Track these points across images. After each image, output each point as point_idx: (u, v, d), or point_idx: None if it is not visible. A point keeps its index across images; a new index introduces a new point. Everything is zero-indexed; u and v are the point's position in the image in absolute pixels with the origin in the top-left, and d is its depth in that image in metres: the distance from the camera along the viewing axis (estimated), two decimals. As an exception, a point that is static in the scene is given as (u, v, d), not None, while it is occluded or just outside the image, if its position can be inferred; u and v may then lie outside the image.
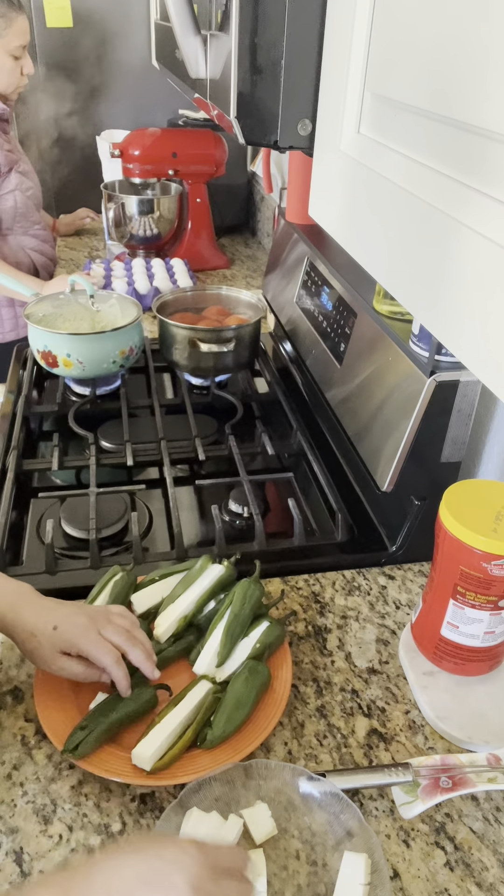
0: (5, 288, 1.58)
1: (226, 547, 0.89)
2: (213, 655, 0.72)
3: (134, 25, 2.22)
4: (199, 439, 1.09)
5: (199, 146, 1.81)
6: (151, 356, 1.35)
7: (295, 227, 1.32)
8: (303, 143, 0.58)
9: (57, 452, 1.05)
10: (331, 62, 0.52)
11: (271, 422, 1.20)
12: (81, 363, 1.17)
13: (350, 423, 0.95)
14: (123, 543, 0.93)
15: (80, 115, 2.33)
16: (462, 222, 0.34)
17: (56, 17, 2.15)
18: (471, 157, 0.34)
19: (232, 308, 1.32)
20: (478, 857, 0.59)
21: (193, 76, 0.74)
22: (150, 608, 0.79)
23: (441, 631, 0.71)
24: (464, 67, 0.34)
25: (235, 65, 0.56)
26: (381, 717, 0.71)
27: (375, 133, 0.46)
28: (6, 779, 0.64)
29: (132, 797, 0.63)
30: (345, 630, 0.81)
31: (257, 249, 2.12)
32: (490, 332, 0.32)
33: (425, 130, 0.39)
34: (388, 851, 0.60)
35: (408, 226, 0.40)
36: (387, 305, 0.92)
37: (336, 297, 1.07)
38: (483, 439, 0.92)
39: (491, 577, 0.64)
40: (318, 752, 0.68)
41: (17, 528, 0.96)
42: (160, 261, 1.80)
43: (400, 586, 0.88)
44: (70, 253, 2.06)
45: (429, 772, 0.63)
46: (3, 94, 1.74)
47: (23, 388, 1.25)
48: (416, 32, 0.39)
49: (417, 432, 0.80)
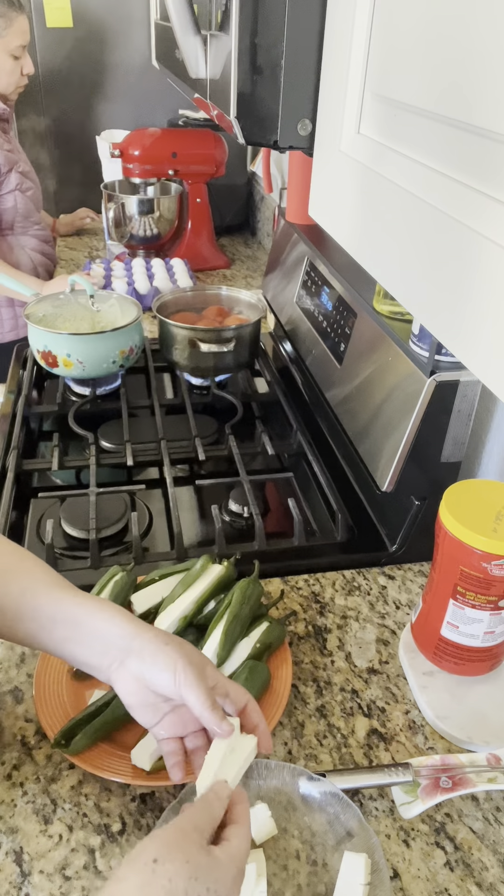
0: (5, 288, 1.58)
1: (226, 547, 0.89)
2: (213, 655, 0.71)
3: (134, 25, 2.22)
4: (199, 439, 1.09)
5: (199, 146, 1.81)
6: (151, 356, 1.35)
7: (295, 227, 1.32)
8: (303, 143, 0.58)
9: (57, 452, 1.05)
10: (331, 62, 0.52)
11: (271, 422, 1.20)
12: (81, 363, 1.17)
13: (350, 423, 0.95)
14: (123, 543, 0.93)
15: (80, 115, 2.33)
16: (466, 224, 0.34)
17: (56, 17, 2.15)
18: (472, 158, 0.34)
19: (232, 308, 1.32)
20: (478, 857, 0.59)
21: (193, 76, 0.74)
22: (150, 608, 0.79)
23: (441, 631, 0.71)
24: (466, 68, 0.34)
25: (235, 65, 0.56)
26: (381, 717, 0.71)
27: (375, 133, 0.46)
28: (6, 779, 0.64)
29: (132, 797, 0.63)
30: (345, 630, 0.81)
31: (257, 249, 2.12)
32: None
33: (426, 131, 0.39)
34: (388, 851, 0.60)
35: (406, 225, 0.40)
36: (387, 305, 0.92)
37: (336, 297, 1.07)
38: (483, 439, 0.92)
39: (491, 577, 0.64)
40: (318, 752, 0.68)
41: (17, 528, 0.96)
42: (160, 261, 1.80)
43: (400, 586, 0.88)
44: (70, 253, 2.06)
45: (429, 772, 0.63)
46: (3, 94, 1.74)
47: (23, 388, 1.25)
48: (417, 32, 0.39)
49: (417, 432, 0.80)
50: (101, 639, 0.57)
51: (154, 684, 0.55)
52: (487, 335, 0.33)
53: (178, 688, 0.54)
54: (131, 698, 0.56)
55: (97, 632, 0.57)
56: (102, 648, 0.56)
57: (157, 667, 0.55)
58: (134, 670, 0.55)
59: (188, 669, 0.54)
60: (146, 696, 0.56)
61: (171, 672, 0.54)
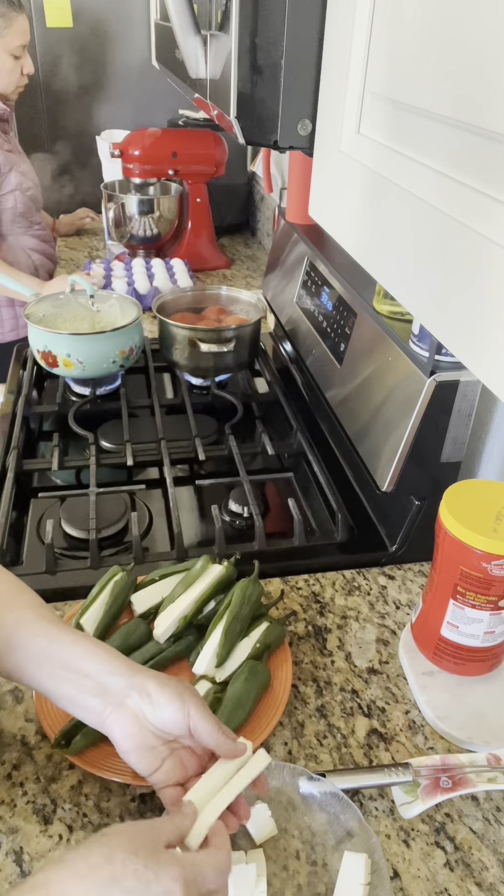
0: (5, 288, 1.58)
1: (226, 547, 0.89)
2: (213, 655, 0.71)
3: (134, 25, 2.22)
4: (199, 439, 1.09)
5: (199, 146, 1.81)
6: (151, 356, 1.35)
7: (295, 227, 1.32)
8: (303, 143, 0.58)
9: (57, 452, 1.05)
10: (331, 62, 0.52)
11: (271, 422, 1.20)
12: (81, 363, 1.17)
13: (350, 423, 0.95)
14: (123, 543, 0.93)
15: (80, 115, 2.33)
16: (470, 226, 0.34)
17: (56, 17, 2.15)
18: (480, 161, 0.34)
19: (232, 308, 1.32)
20: (478, 857, 0.59)
21: (193, 76, 0.74)
22: (150, 608, 0.79)
23: (441, 631, 0.71)
24: (475, 69, 0.34)
25: (235, 65, 0.56)
26: (381, 717, 0.71)
27: (376, 133, 0.46)
28: (6, 779, 0.64)
29: (132, 797, 0.63)
30: (345, 630, 0.81)
31: (257, 249, 2.12)
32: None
33: (427, 131, 0.39)
34: (388, 851, 0.60)
35: (408, 225, 0.40)
36: (387, 305, 0.92)
37: (336, 297, 1.07)
38: (483, 439, 0.92)
39: (491, 577, 0.64)
40: (318, 752, 0.68)
41: (17, 528, 0.96)
42: (160, 261, 1.80)
43: (400, 586, 0.88)
44: (70, 253, 2.06)
45: (429, 772, 0.63)
46: (3, 94, 1.74)
47: (23, 388, 1.25)
48: (417, 32, 0.39)
49: (417, 432, 0.80)
50: (94, 678, 0.54)
51: (159, 720, 0.53)
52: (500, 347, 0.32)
53: (187, 719, 0.52)
54: (129, 742, 0.53)
55: (89, 670, 0.54)
56: (95, 688, 0.54)
57: (163, 699, 0.53)
58: (135, 708, 0.53)
59: (195, 699, 0.53)
60: (145, 738, 0.53)
61: (180, 703, 0.52)
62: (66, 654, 0.55)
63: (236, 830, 0.52)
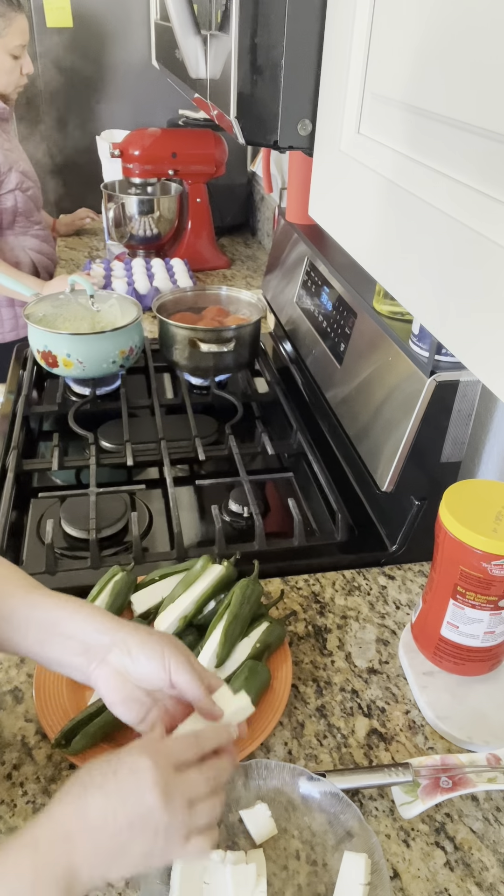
0: (5, 288, 1.58)
1: (226, 547, 0.89)
2: (213, 655, 0.72)
3: (134, 25, 2.22)
4: (199, 439, 1.09)
5: (199, 146, 1.81)
6: (151, 356, 1.35)
7: (295, 227, 1.32)
8: (303, 143, 0.58)
9: (57, 452, 1.05)
10: (331, 62, 0.52)
11: (271, 422, 1.20)
12: (81, 363, 1.17)
13: (350, 423, 0.95)
14: (123, 543, 0.93)
15: (80, 115, 2.33)
16: (473, 228, 0.34)
17: (56, 17, 2.15)
18: (485, 162, 0.34)
19: (232, 308, 1.32)
20: (478, 857, 0.59)
21: (193, 76, 0.74)
22: (150, 608, 0.79)
23: (441, 631, 0.71)
24: (469, 68, 0.34)
25: (235, 65, 0.56)
26: (381, 717, 0.71)
27: (376, 133, 0.46)
28: (6, 779, 0.64)
29: (132, 797, 0.63)
30: (345, 630, 0.81)
31: (257, 249, 2.12)
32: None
33: (429, 131, 0.39)
34: (388, 851, 0.60)
35: (408, 226, 0.40)
36: (387, 305, 0.92)
37: (336, 296, 1.07)
38: (483, 439, 0.92)
39: (491, 577, 0.64)
40: (318, 752, 0.68)
41: (17, 528, 0.96)
42: (160, 261, 1.80)
43: (400, 586, 0.88)
44: (70, 253, 2.06)
45: (429, 772, 0.63)
46: (3, 94, 1.74)
47: (23, 388, 1.25)
48: (418, 33, 0.39)
49: (417, 432, 0.80)
50: (78, 638, 0.55)
51: (140, 675, 0.54)
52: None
53: (167, 673, 0.53)
54: (114, 695, 0.55)
55: (74, 631, 0.55)
56: (80, 648, 0.55)
57: (143, 655, 0.54)
58: (116, 664, 0.54)
59: (176, 654, 0.54)
60: (130, 692, 0.55)
61: (160, 659, 0.53)
62: (51, 619, 0.56)
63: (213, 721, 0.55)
